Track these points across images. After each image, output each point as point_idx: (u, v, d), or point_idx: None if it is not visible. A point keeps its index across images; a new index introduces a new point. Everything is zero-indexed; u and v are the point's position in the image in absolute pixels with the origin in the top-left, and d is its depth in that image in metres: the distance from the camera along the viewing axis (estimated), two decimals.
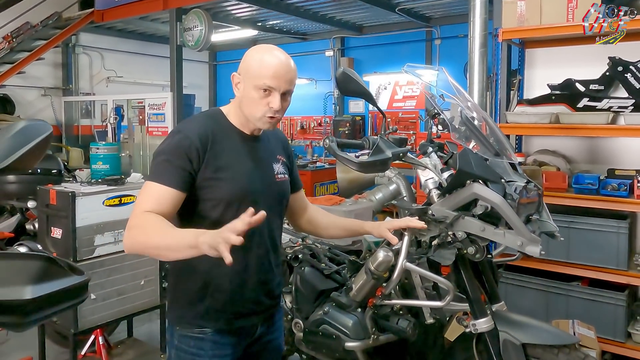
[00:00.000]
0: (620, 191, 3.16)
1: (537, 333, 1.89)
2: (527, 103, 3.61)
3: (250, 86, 1.63)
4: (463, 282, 1.94)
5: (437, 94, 2.10)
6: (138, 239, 1.48)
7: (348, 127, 8.91)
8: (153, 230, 1.46)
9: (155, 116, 7.29)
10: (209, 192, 1.63)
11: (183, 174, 1.58)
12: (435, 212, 1.87)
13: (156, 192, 1.56)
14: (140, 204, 1.55)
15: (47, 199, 3.24)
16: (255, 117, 1.67)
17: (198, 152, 1.60)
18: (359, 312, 2.14)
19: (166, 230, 1.46)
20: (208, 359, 1.69)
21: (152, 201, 1.54)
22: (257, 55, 1.65)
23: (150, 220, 1.48)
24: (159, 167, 1.60)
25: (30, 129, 1.00)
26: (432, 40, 8.70)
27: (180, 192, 1.58)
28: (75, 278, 0.91)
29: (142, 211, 1.52)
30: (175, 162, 1.58)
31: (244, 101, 1.67)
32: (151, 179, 1.59)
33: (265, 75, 1.60)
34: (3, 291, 0.82)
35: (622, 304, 3.21)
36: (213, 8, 7.82)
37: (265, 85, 1.61)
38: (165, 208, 1.55)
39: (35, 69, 8.69)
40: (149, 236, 1.46)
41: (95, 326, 3.32)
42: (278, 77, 1.61)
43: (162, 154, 1.62)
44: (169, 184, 1.56)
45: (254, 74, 1.62)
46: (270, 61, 1.62)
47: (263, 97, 1.62)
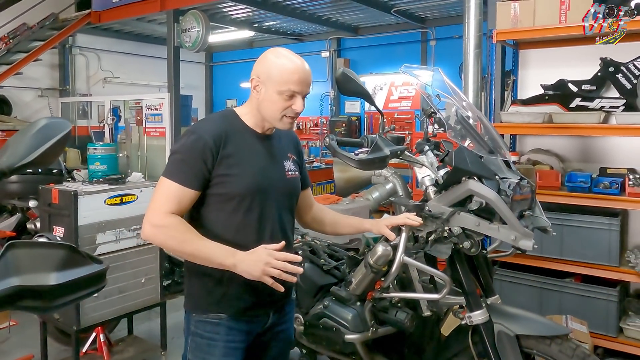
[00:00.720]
0: (612, 189, 3.23)
1: (531, 324, 1.95)
2: (521, 103, 3.68)
3: (273, 91, 1.72)
4: (459, 276, 2.00)
5: (433, 94, 2.16)
6: (168, 243, 1.65)
7: (344, 128, 8.99)
8: (184, 239, 1.64)
9: (152, 117, 7.33)
10: (222, 187, 1.72)
11: (198, 174, 1.69)
12: (432, 208, 1.93)
13: (174, 191, 1.68)
14: (160, 201, 1.68)
15: (49, 198, 3.28)
16: (276, 119, 1.76)
17: (212, 152, 1.70)
18: (358, 306, 2.20)
19: (198, 240, 1.64)
20: (223, 342, 1.77)
21: (173, 200, 1.67)
22: (278, 61, 1.74)
23: (180, 227, 1.65)
24: (175, 165, 1.71)
25: (52, 126, 1.06)
26: (427, 41, 8.78)
27: (195, 191, 1.70)
28: (95, 266, 0.96)
29: (165, 212, 1.66)
30: (191, 162, 1.69)
31: (265, 104, 1.75)
32: (168, 177, 1.70)
33: (290, 81, 1.70)
34: (30, 277, 0.88)
35: (614, 300, 3.27)
36: (210, 9, 7.88)
37: (290, 91, 1.71)
38: (183, 206, 1.70)
39: (32, 70, 8.72)
40: (182, 245, 1.64)
41: (97, 323, 3.36)
42: (301, 82, 1.73)
43: (178, 153, 1.73)
44: (186, 183, 1.68)
45: (278, 80, 1.71)
46: (294, 67, 1.72)
47: (286, 101, 1.73)
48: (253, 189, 1.74)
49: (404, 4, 7.76)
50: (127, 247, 3.42)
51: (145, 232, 1.68)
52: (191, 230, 1.66)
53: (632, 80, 3.33)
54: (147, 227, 1.66)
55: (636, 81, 3.32)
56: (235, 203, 1.73)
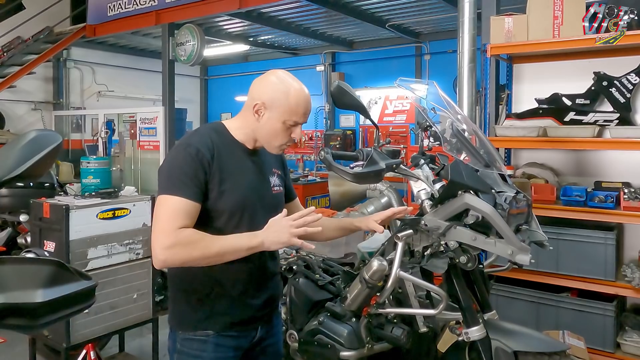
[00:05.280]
0: (607, 203, 3.22)
1: (528, 341, 1.93)
2: (516, 117, 3.69)
3: (277, 119, 1.71)
4: (455, 291, 1.97)
5: (428, 107, 2.15)
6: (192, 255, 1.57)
7: (339, 141, 8.99)
8: (206, 243, 1.58)
9: (146, 130, 7.31)
10: (212, 203, 1.69)
11: (200, 185, 1.65)
12: (428, 222, 1.91)
13: (180, 206, 1.60)
14: (165, 221, 1.59)
15: (41, 212, 3.24)
16: (273, 146, 1.76)
17: (209, 164, 1.67)
18: (354, 322, 2.17)
19: (218, 239, 1.60)
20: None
21: (179, 215, 1.59)
22: (284, 89, 1.71)
23: (195, 236, 1.58)
24: (175, 179, 1.64)
25: (41, 138, 1.03)
26: (421, 55, 8.83)
27: (199, 204, 1.65)
28: (84, 283, 0.93)
29: (176, 228, 1.57)
30: (191, 174, 1.64)
31: (265, 129, 1.74)
32: (169, 193, 1.62)
33: (297, 113, 1.71)
34: (15, 294, 0.85)
35: (611, 315, 3.25)
36: (205, 23, 7.90)
37: (294, 122, 1.72)
38: (192, 221, 1.62)
39: (26, 83, 8.70)
40: (205, 251, 1.57)
41: (87, 340, 3.29)
42: (306, 114, 1.76)
43: (177, 167, 1.66)
44: (191, 196, 1.62)
45: (285, 110, 1.70)
46: (300, 98, 1.72)
47: (287, 129, 1.72)
48: (242, 204, 1.73)
49: (398, 18, 7.82)
50: (118, 262, 3.37)
51: (158, 258, 1.56)
52: (204, 233, 1.59)
53: (625, 94, 3.35)
54: (159, 252, 1.55)
55: (629, 95, 3.34)
56: (224, 219, 1.71)
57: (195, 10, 7.10)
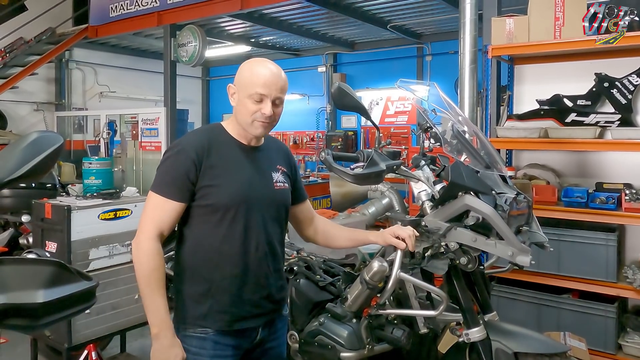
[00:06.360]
0: (609, 204, 3.22)
1: (529, 342, 1.93)
2: (517, 118, 3.69)
3: (243, 95, 1.76)
4: (456, 292, 1.97)
5: (429, 108, 2.16)
6: (136, 266, 1.72)
7: (341, 142, 8.99)
8: (148, 279, 1.69)
9: (148, 131, 7.33)
10: (207, 199, 1.74)
11: (181, 186, 1.73)
12: (429, 224, 1.92)
13: (159, 204, 1.73)
14: (148, 216, 1.74)
15: (42, 212, 3.25)
16: (247, 123, 1.78)
17: (194, 164, 1.73)
18: (354, 323, 2.16)
19: (153, 291, 1.69)
20: (209, 358, 1.75)
21: (159, 213, 1.73)
22: (249, 67, 1.80)
23: (151, 265, 1.69)
24: (159, 179, 1.76)
25: (43, 140, 1.04)
26: (423, 56, 8.84)
27: (179, 204, 1.74)
28: (85, 283, 0.94)
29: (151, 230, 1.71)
30: (173, 174, 1.74)
31: (238, 109, 1.80)
32: (154, 190, 1.75)
33: (257, 84, 1.74)
34: (16, 295, 0.86)
35: (613, 316, 3.25)
36: (207, 24, 7.91)
37: (257, 94, 1.74)
38: (170, 219, 1.75)
39: (28, 84, 8.72)
40: (141, 280, 1.70)
41: (89, 341, 3.30)
42: (269, 86, 1.75)
43: (163, 167, 1.77)
44: (169, 195, 1.73)
45: (247, 84, 1.76)
46: (262, 72, 1.76)
47: (255, 104, 1.75)
48: (237, 199, 1.75)
49: (400, 19, 7.83)
50: (120, 262, 3.37)
51: (133, 243, 1.76)
52: (160, 270, 1.69)
53: (626, 95, 3.35)
54: (135, 241, 1.74)
55: (631, 96, 3.34)
56: (220, 214, 1.75)
57: (197, 11, 7.12)
